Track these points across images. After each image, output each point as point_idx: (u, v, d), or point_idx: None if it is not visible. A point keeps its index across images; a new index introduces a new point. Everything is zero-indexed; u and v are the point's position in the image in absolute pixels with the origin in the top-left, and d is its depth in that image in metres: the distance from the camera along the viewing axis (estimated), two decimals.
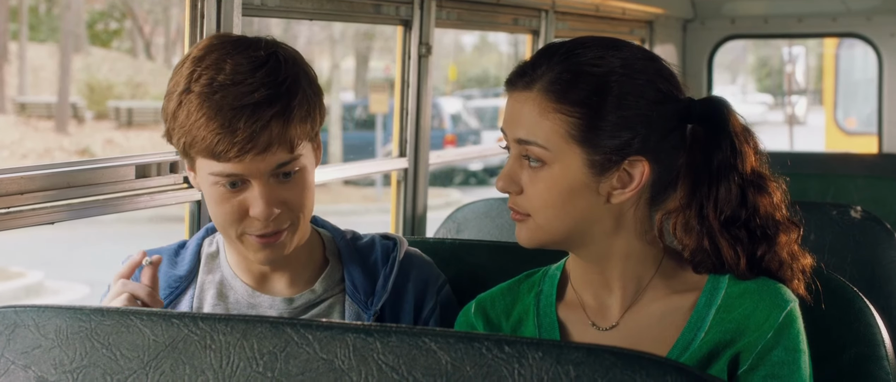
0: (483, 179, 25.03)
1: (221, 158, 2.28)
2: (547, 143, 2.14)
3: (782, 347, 2.14)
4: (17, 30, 30.16)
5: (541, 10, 4.72)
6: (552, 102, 2.14)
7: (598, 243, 2.22)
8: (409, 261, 2.58)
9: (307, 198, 2.39)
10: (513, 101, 2.21)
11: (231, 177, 2.31)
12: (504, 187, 2.21)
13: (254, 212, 2.33)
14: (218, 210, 2.36)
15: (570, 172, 2.15)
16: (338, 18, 3.65)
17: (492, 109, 28.14)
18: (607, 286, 2.26)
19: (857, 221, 3.33)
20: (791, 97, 25.63)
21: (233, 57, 2.31)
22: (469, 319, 2.39)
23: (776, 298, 2.17)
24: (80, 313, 1.68)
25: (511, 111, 2.20)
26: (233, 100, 2.26)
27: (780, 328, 2.14)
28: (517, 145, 2.19)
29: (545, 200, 2.17)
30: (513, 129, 2.19)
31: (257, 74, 2.29)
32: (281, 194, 2.34)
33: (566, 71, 2.15)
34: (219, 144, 2.26)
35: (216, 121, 2.26)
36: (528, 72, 2.19)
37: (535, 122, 2.15)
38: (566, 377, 1.44)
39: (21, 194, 2.45)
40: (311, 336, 1.55)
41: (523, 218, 2.21)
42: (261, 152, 2.27)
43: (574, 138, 2.13)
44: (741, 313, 2.17)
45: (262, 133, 2.26)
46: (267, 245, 2.37)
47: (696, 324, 2.19)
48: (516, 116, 2.19)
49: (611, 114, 2.13)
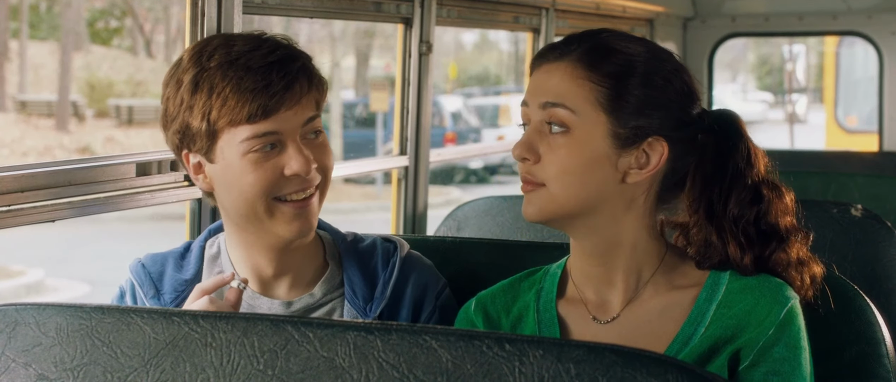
0: (483, 177, 25.03)
1: (258, 117, 2.32)
2: (575, 106, 2.17)
3: (783, 344, 2.14)
4: (18, 28, 30.16)
5: (541, 7, 4.72)
6: (584, 69, 2.19)
7: (605, 226, 2.22)
8: (410, 265, 2.57)
9: (332, 160, 2.47)
10: (541, 72, 2.23)
11: (266, 138, 2.34)
12: (521, 153, 2.20)
13: (292, 169, 2.36)
14: (252, 178, 2.37)
15: (593, 139, 2.17)
16: (338, 16, 3.65)
17: (492, 107, 28.14)
18: (609, 281, 2.27)
19: (858, 219, 3.32)
20: (791, 95, 25.64)
21: (232, 39, 2.39)
22: (469, 316, 2.40)
23: (777, 294, 2.17)
24: (80, 311, 1.68)
25: (538, 81, 2.23)
26: (259, 60, 2.33)
27: (782, 325, 2.14)
28: (542, 110, 2.20)
29: (564, 166, 2.17)
30: (539, 95, 2.21)
31: (267, 43, 2.38)
32: (311, 153, 2.39)
33: (598, 46, 2.21)
34: (255, 100, 2.31)
35: (248, 80, 2.32)
36: (559, 47, 2.24)
37: (565, 86, 2.19)
38: (567, 374, 1.44)
39: (21, 191, 2.45)
40: (312, 334, 1.55)
41: (535, 188, 2.21)
42: (295, 104, 2.35)
43: (602, 106, 2.17)
44: (742, 309, 2.17)
45: (294, 84, 2.34)
46: (299, 213, 2.40)
47: (697, 319, 2.19)
48: (544, 84, 2.21)
49: (637, 89, 2.18)
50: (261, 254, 2.46)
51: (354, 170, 4.14)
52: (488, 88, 34.54)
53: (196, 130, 2.36)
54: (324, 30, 29.21)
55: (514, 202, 3.57)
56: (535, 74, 2.25)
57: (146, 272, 2.51)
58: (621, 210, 2.22)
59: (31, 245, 15.30)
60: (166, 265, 2.52)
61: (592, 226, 2.22)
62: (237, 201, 2.40)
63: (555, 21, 4.81)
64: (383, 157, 4.81)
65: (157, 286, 2.49)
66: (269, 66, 2.33)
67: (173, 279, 2.50)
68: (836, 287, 2.46)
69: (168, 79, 2.41)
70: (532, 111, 2.22)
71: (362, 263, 2.54)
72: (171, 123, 2.39)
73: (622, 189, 2.20)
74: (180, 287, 2.50)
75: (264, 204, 2.38)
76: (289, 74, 2.34)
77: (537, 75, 2.24)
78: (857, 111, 17.39)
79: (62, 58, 27.89)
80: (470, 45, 42.19)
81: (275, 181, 2.37)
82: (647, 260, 2.26)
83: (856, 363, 2.44)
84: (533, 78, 2.25)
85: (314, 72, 2.41)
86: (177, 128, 2.38)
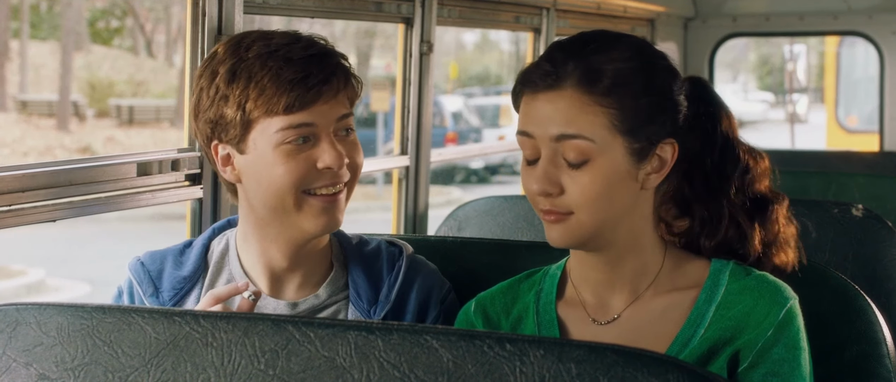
0: (484, 177, 25.04)
1: (295, 107, 2.34)
2: (592, 135, 2.13)
3: (782, 344, 2.14)
4: (19, 28, 30.17)
5: (542, 7, 4.72)
6: (588, 95, 2.14)
7: (623, 234, 2.22)
8: (414, 270, 2.56)
9: (362, 159, 2.48)
10: (541, 102, 2.17)
11: (301, 129, 2.36)
12: (543, 189, 2.15)
13: (324, 162, 2.38)
14: (284, 169, 2.37)
15: (614, 162, 2.15)
16: (339, 16, 3.65)
17: (493, 106, 28.13)
18: (612, 284, 2.26)
19: (859, 219, 3.32)
20: (792, 95, 25.62)
21: (270, 34, 2.41)
22: (469, 317, 2.40)
23: (776, 295, 2.17)
24: (81, 310, 1.68)
25: (541, 112, 2.16)
26: (300, 51, 2.36)
27: (781, 326, 2.14)
28: (554, 142, 2.15)
29: (591, 194, 2.14)
30: (547, 127, 2.15)
31: (304, 38, 2.41)
32: (344, 150, 2.41)
33: (592, 65, 2.16)
34: (293, 91, 2.33)
35: (288, 71, 2.34)
36: (551, 72, 2.17)
37: (575, 117, 2.14)
38: (567, 374, 1.44)
39: (22, 191, 2.45)
40: (313, 333, 1.55)
41: (562, 218, 2.17)
42: (331, 99, 2.37)
43: (617, 129, 2.14)
44: (741, 310, 2.17)
45: (332, 79, 2.37)
46: (327, 207, 2.41)
47: (696, 321, 2.19)
48: (550, 115, 2.15)
49: (643, 100, 2.16)
50: (278, 248, 2.46)
51: None
52: (489, 87, 34.55)
53: (230, 119, 2.37)
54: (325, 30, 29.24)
55: (515, 202, 3.57)
56: (532, 103, 2.18)
57: (145, 271, 2.50)
58: (639, 215, 2.23)
59: (32, 245, 15.31)
60: (165, 263, 2.52)
61: (613, 238, 2.21)
62: (266, 193, 2.40)
63: (555, 21, 4.81)
64: (384, 157, 4.81)
65: (155, 284, 2.49)
66: (309, 58, 2.36)
67: (172, 276, 2.50)
68: (837, 287, 2.46)
69: (202, 71, 2.42)
70: (540, 143, 2.16)
71: (367, 266, 2.54)
72: (203, 114, 2.40)
73: (641, 195, 2.21)
74: (179, 285, 2.49)
75: (294, 196, 2.39)
76: (327, 68, 2.37)
77: (538, 104, 2.17)
78: (857, 111, 17.38)
79: (63, 58, 27.91)
80: (471, 45, 42.22)
81: (306, 174, 2.38)
82: (651, 261, 2.26)
83: (856, 363, 2.44)
84: (530, 107, 2.18)
85: (350, 70, 2.43)
86: (209, 117, 2.39)
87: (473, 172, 24.98)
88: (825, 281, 2.48)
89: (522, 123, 2.20)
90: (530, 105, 2.19)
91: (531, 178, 2.18)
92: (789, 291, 2.19)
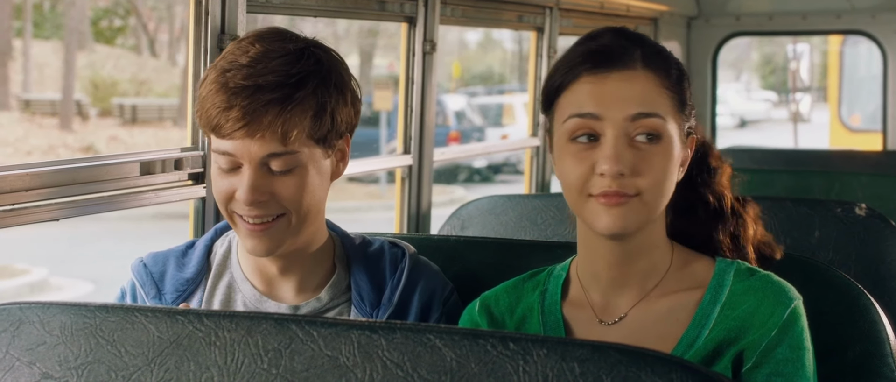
0: (487, 176, 25.04)
1: (218, 133, 2.31)
2: (664, 114, 2.18)
3: (786, 345, 2.14)
4: (22, 27, 30.18)
5: (545, 7, 4.72)
6: (658, 78, 2.19)
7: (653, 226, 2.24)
8: (417, 271, 2.54)
9: (303, 198, 2.36)
10: (615, 80, 2.17)
11: (226, 156, 2.32)
12: (620, 169, 2.14)
13: (238, 194, 2.33)
14: (213, 186, 2.38)
15: (675, 145, 2.20)
16: (342, 15, 3.65)
17: (496, 106, 28.14)
18: (622, 284, 2.26)
19: (862, 218, 3.32)
20: (795, 94, 25.59)
21: (263, 43, 2.34)
22: (473, 317, 2.39)
23: (780, 295, 2.17)
24: (84, 309, 1.68)
25: (616, 91, 2.17)
26: (240, 79, 2.28)
27: (785, 326, 2.14)
28: (630, 121, 2.16)
29: (661, 174, 2.17)
30: (624, 106, 2.16)
31: (273, 61, 2.30)
32: (271, 186, 2.33)
33: (659, 51, 2.24)
34: (218, 118, 2.29)
35: (220, 96, 2.28)
36: (622, 52, 2.19)
37: (652, 96, 2.17)
38: (571, 373, 1.44)
39: (26, 190, 2.45)
40: (316, 332, 1.55)
41: (627, 200, 2.16)
42: (251, 135, 2.28)
43: (678, 111, 2.21)
44: (745, 310, 2.17)
45: (257, 116, 2.27)
46: (253, 233, 2.36)
47: (701, 321, 2.19)
48: (627, 94, 2.17)
49: (687, 91, 2.25)
50: (265, 259, 2.46)
51: (358, 169, 4.14)
52: (492, 87, 34.53)
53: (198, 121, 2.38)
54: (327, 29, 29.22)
55: (518, 202, 3.57)
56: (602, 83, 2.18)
57: (148, 272, 2.50)
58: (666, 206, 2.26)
59: (35, 244, 15.32)
60: (168, 265, 2.51)
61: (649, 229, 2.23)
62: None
63: (559, 20, 4.81)
64: (387, 156, 4.81)
65: (158, 285, 2.48)
66: (241, 89, 2.27)
67: (175, 278, 2.49)
68: (840, 286, 2.46)
69: None
70: (611, 123, 2.16)
71: (370, 268, 2.52)
72: None
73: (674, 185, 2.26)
74: (182, 287, 2.49)
75: (226, 213, 2.38)
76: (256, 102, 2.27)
77: (609, 83, 2.17)
78: (860, 110, 17.36)
79: (66, 57, 27.90)
80: (473, 44, 42.20)
81: (227, 197, 2.35)
82: (661, 260, 2.26)
83: (860, 362, 2.44)
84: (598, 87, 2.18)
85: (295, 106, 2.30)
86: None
87: (476, 171, 24.98)
88: (828, 281, 2.48)
89: (588, 104, 2.18)
90: (599, 85, 2.18)
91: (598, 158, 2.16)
92: (793, 291, 2.19)
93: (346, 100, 2.39)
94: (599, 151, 2.16)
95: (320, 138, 2.35)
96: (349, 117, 2.42)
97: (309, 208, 2.38)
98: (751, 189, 4.23)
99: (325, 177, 2.42)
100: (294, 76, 2.30)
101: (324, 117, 2.34)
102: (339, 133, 2.40)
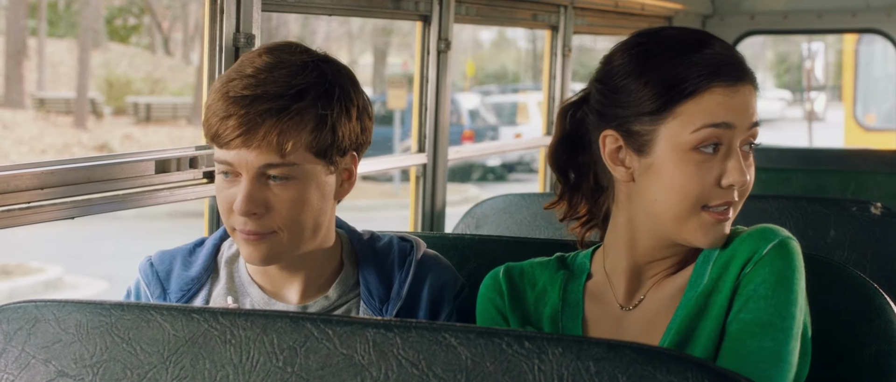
0: (501, 174, 25.04)
1: (218, 142, 2.31)
2: None
3: (762, 279, 2.11)
4: (36, 26, 30.27)
5: (560, 5, 4.72)
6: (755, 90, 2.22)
7: None
8: (426, 265, 2.53)
9: (299, 214, 2.34)
10: (743, 94, 2.17)
11: (224, 165, 2.32)
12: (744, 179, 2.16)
13: (234, 206, 2.32)
14: (217, 198, 2.38)
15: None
16: (356, 14, 3.65)
17: (510, 104, 28.13)
18: (646, 272, 2.28)
19: (877, 217, 3.31)
20: (810, 93, 25.56)
21: (272, 55, 2.33)
22: (497, 279, 2.41)
23: (765, 232, 2.16)
24: (100, 307, 1.69)
25: (744, 103, 2.17)
26: (240, 89, 2.28)
27: (765, 261, 2.12)
28: (748, 131, 2.17)
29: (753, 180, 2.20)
30: (748, 117, 2.17)
31: (276, 72, 2.30)
32: (267, 197, 2.31)
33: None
34: (218, 127, 2.29)
35: (220, 105, 2.29)
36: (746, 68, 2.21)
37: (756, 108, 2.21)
38: (586, 372, 1.43)
39: (41, 189, 2.45)
40: (331, 331, 1.55)
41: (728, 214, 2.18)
42: (248, 144, 2.28)
43: None
44: (729, 253, 2.17)
45: (253, 126, 2.27)
46: (248, 242, 2.34)
47: (697, 281, 2.19)
48: (750, 107, 2.18)
49: None
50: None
51: (373, 168, 4.14)
52: (506, 85, 34.53)
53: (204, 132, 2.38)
54: (342, 28, 29.25)
55: (532, 200, 3.57)
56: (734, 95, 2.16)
57: (154, 272, 2.49)
58: None
59: (50, 242, 15.36)
60: (174, 264, 2.50)
61: None
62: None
63: (573, 18, 4.81)
64: (402, 154, 4.81)
65: (163, 285, 2.47)
66: (240, 99, 2.27)
67: (180, 277, 2.48)
68: (856, 286, 2.45)
69: None
70: (738, 133, 2.16)
71: (378, 263, 2.51)
72: None
73: None
74: (186, 286, 2.47)
75: (228, 227, 2.38)
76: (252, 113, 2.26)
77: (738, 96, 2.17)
78: (876, 109, 17.32)
79: (80, 55, 27.97)
80: (487, 43, 42.21)
81: (227, 209, 2.35)
82: (678, 248, 2.26)
83: (875, 361, 2.43)
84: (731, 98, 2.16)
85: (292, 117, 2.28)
86: None
87: (490, 169, 24.98)
88: (844, 280, 2.47)
89: (723, 114, 2.15)
90: (732, 96, 2.16)
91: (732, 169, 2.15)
92: (782, 231, 2.17)
93: (350, 115, 2.36)
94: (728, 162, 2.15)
95: (320, 152, 2.33)
96: (354, 134, 2.38)
97: (304, 226, 2.36)
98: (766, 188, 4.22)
99: (327, 195, 2.39)
100: (294, 88, 2.29)
101: (323, 131, 2.31)
102: (341, 149, 2.36)
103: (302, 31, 30.90)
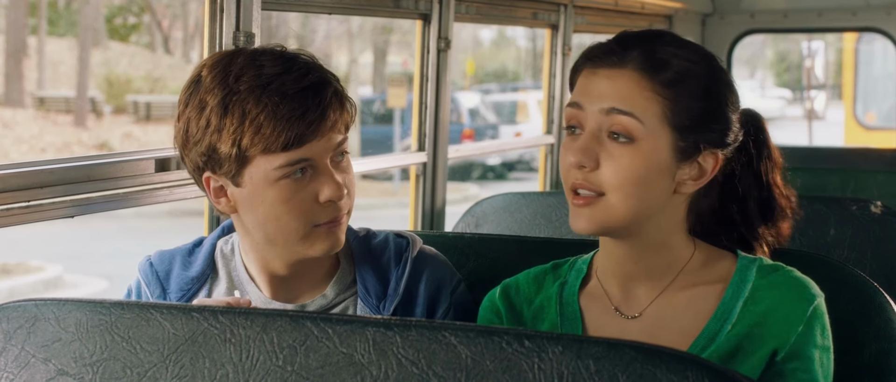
0: (501, 173, 25.04)
1: (293, 144, 2.28)
2: (643, 117, 2.13)
3: (811, 343, 2.13)
4: (36, 25, 30.27)
5: (559, 4, 4.72)
6: (648, 81, 2.15)
7: (649, 233, 2.21)
8: (423, 261, 2.53)
9: (354, 178, 2.43)
10: (600, 76, 2.17)
11: (300, 164, 2.30)
12: (579, 160, 2.14)
13: (326, 195, 2.32)
14: (286, 209, 2.33)
15: (657, 152, 2.15)
16: (356, 13, 3.65)
17: (510, 103, 28.12)
18: (639, 278, 2.26)
19: (877, 216, 3.32)
20: (810, 92, 25.57)
21: (258, 58, 2.33)
22: (494, 301, 2.40)
23: (803, 291, 2.16)
24: (100, 306, 1.69)
25: (598, 84, 2.16)
26: (293, 84, 2.28)
27: (809, 323, 2.13)
28: (604, 116, 2.14)
29: (626, 176, 2.13)
30: (600, 100, 2.15)
31: (296, 63, 2.33)
32: (341, 176, 2.36)
33: (658, 54, 2.17)
34: (292, 128, 2.27)
35: (285, 106, 2.27)
36: (616, 50, 2.17)
37: (632, 95, 2.14)
38: (586, 371, 1.43)
39: (40, 187, 2.45)
40: (331, 329, 1.55)
41: (591, 200, 2.15)
42: (329, 131, 2.32)
43: (668, 121, 2.15)
44: (768, 305, 2.17)
45: (328, 111, 2.30)
46: (332, 231, 2.37)
47: (723, 316, 2.18)
48: (607, 89, 2.15)
49: (699, 102, 2.17)
50: (279, 263, 2.42)
51: (373, 166, 4.14)
52: (506, 84, 34.53)
53: (225, 154, 2.30)
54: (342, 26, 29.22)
55: (532, 199, 3.57)
56: (591, 77, 2.18)
57: (153, 271, 2.49)
58: (667, 218, 2.22)
59: (50, 241, 15.37)
60: (173, 263, 2.50)
61: (637, 233, 2.21)
62: (265, 227, 2.36)
63: (573, 17, 4.81)
64: (402, 153, 4.82)
65: (163, 284, 2.47)
66: (304, 91, 2.28)
67: (179, 277, 2.48)
68: (856, 284, 2.45)
69: (186, 98, 2.35)
70: (589, 115, 2.16)
71: (374, 260, 2.51)
72: (194, 145, 2.33)
73: (672, 199, 2.21)
74: (186, 286, 2.47)
75: (304, 228, 2.35)
76: (323, 99, 2.30)
77: (595, 79, 2.17)
78: (876, 108, 17.31)
79: (80, 54, 27.96)
80: (487, 42, 42.21)
81: (309, 210, 2.33)
82: (679, 257, 2.25)
83: (875, 360, 2.43)
84: (588, 80, 2.19)
85: (344, 95, 2.36)
86: (201, 151, 2.32)
87: (490, 168, 24.98)
88: (844, 279, 2.47)
89: (576, 95, 2.19)
90: (589, 80, 2.18)
91: (570, 149, 2.16)
92: (816, 288, 2.18)
93: None
94: (578, 140, 2.17)
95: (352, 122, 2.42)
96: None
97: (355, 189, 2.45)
98: None
99: None
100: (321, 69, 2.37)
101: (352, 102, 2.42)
102: None
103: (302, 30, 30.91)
